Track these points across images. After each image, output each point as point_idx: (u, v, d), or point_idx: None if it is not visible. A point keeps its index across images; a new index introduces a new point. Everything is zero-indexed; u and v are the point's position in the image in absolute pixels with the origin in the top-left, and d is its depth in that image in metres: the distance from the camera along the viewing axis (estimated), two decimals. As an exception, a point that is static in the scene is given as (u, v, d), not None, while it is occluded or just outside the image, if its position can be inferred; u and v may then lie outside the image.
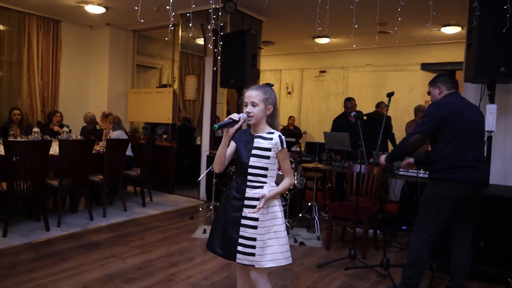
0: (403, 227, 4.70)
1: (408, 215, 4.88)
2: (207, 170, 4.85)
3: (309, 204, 4.59)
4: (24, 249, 3.51)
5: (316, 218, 4.39)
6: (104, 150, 4.76)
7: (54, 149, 4.40)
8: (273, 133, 2.06)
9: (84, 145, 4.43)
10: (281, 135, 2.05)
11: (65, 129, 5.06)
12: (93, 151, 4.64)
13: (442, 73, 3.00)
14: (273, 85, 2.14)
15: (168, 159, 6.38)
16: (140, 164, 5.45)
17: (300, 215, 4.64)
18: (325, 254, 3.77)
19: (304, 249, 3.89)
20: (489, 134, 3.43)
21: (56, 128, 5.76)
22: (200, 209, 5.18)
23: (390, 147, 6.54)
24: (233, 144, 2.11)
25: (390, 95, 3.35)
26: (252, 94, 2.03)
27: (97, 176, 4.73)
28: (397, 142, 6.60)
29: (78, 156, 4.28)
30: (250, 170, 2.03)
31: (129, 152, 5.29)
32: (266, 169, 2.03)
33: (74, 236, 3.94)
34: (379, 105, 6.79)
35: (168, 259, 3.46)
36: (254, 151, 2.03)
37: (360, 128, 3.75)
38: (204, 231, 4.19)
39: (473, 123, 2.72)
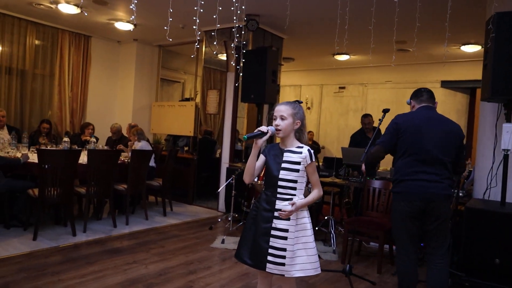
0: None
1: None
2: (227, 182, 4.99)
3: (326, 218, 4.66)
4: (52, 252, 3.71)
5: (333, 232, 4.45)
6: (129, 160, 4.96)
7: (82, 158, 4.64)
8: (302, 147, 2.15)
9: (111, 155, 4.65)
10: (310, 149, 2.15)
11: (93, 139, 5.30)
12: (118, 161, 4.86)
13: (418, 88, 3.00)
14: (301, 102, 2.27)
15: (188, 170, 6.56)
16: (162, 175, 5.64)
17: (316, 228, 4.70)
18: (340, 267, 3.82)
19: (320, 262, 3.93)
20: (505, 153, 3.47)
21: (83, 136, 6.05)
22: (219, 220, 5.31)
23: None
24: (262, 158, 2.21)
25: (385, 111, 3.45)
26: (282, 109, 2.16)
27: (121, 185, 4.94)
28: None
29: (104, 165, 4.50)
30: (280, 183, 2.13)
31: (152, 163, 5.49)
32: (295, 181, 2.12)
33: (99, 242, 4.13)
34: None
35: (187, 266, 3.59)
36: (284, 165, 2.13)
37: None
38: (223, 241, 4.31)
39: (432, 138, 2.65)
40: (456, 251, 3.75)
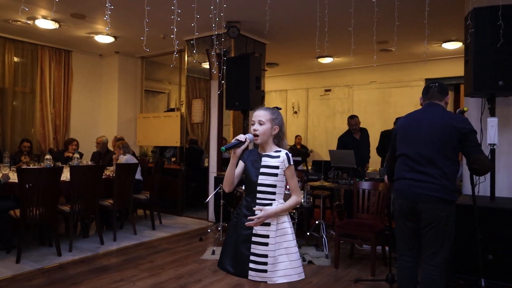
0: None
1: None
2: (215, 191, 4.91)
3: (317, 222, 4.60)
4: (36, 275, 3.57)
5: (324, 236, 4.39)
6: (114, 175, 4.86)
7: (66, 175, 4.53)
8: (280, 151, 2.13)
9: (94, 170, 4.54)
10: (288, 152, 2.12)
11: (76, 155, 5.19)
12: (103, 176, 4.75)
13: (428, 83, 2.89)
14: (280, 109, 2.23)
15: (176, 181, 6.46)
16: (149, 188, 5.53)
17: (308, 233, 4.64)
18: (334, 272, 3.76)
19: (313, 267, 3.88)
20: (491, 147, 3.45)
21: (67, 153, 5.92)
22: (209, 230, 5.21)
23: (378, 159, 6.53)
24: (241, 164, 2.18)
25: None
26: (260, 114, 2.13)
27: (107, 201, 4.82)
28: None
29: (88, 181, 4.39)
30: (259, 188, 2.10)
31: (138, 176, 5.39)
32: (274, 186, 2.10)
33: (85, 261, 4.01)
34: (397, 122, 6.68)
35: (177, 281, 3.49)
36: (262, 170, 2.10)
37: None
38: (213, 252, 4.22)
39: (421, 136, 2.59)
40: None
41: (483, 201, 3.44)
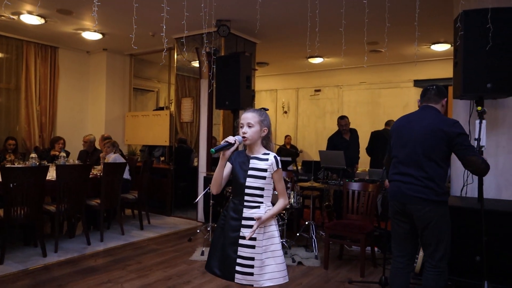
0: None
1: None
2: (204, 192, 4.87)
3: (307, 223, 4.60)
4: (20, 276, 3.49)
5: (314, 237, 4.38)
6: (101, 174, 4.78)
7: (52, 174, 4.44)
8: (268, 154, 2.12)
9: (81, 169, 4.46)
10: (276, 156, 2.12)
11: (62, 154, 5.09)
12: (90, 175, 4.67)
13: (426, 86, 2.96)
14: (267, 110, 2.23)
15: (165, 181, 6.40)
16: (137, 187, 5.46)
17: (297, 234, 4.63)
18: (323, 273, 3.76)
19: (303, 268, 3.87)
20: (479, 149, 3.48)
21: (53, 151, 5.81)
22: (198, 230, 5.17)
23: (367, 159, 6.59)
24: (229, 166, 2.16)
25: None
26: (248, 116, 2.11)
27: (94, 200, 4.74)
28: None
29: (74, 180, 4.31)
30: (247, 191, 2.08)
31: (126, 175, 5.31)
32: (262, 189, 2.09)
33: (71, 262, 3.93)
34: (389, 123, 6.63)
35: (165, 282, 3.44)
36: (250, 172, 2.09)
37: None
38: (202, 253, 4.18)
39: (410, 139, 2.62)
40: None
41: (471, 203, 3.47)
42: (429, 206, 2.52)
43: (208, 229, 4.72)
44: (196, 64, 6.38)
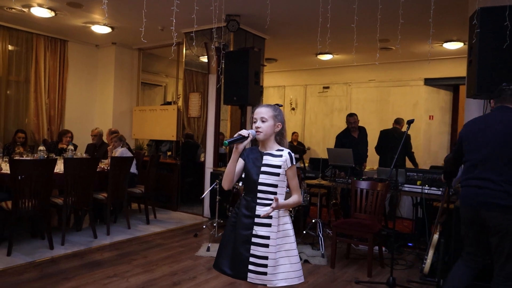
0: (409, 244, 4.64)
1: (414, 232, 4.83)
2: (211, 187, 4.85)
3: (313, 221, 4.56)
4: (27, 268, 3.50)
5: (321, 235, 4.35)
6: (109, 168, 4.78)
7: (59, 167, 4.44)
8: (282, 150, 2.07)
9: (88, 163, 4.46)
10: (290, 152, 2.06)
11: (70, 147, 5.10)
12: (98, 169, 4.67)
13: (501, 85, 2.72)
14: (281, 106, 2.18)
15: (172, 176, 6.39)
16: (144, 182, 5.46)
17: (304, 232, 4.60)
18: (330, 272, 3.73)
19: (309, 267, 3.84)
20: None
21: (61, 144, 5.83)
22: (204, 226, 5.16)
23: (408, 164, 6.49)
24: (241, 162, 2.11)
25: (410, 122, 3.33)
26: (262, 111, 2.07)
27: (101, 194, 4.75)
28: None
29: (82, 174, 4.31)
30: (259, 188, 2.04)
31: (133, 169, 5.31)
32: (275, 186, 2.04)
33: (78, 255, 3.94)
34: (398, 121, 6.56)
35: (171, 278, 3.43)
36: (263, 168, 2.04)
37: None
38: (208, 249, 4.16)
39: (488, 142, 2.49)
40: (446, 250, 3.69)
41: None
42: (505, 213, 2.36)
43: (214, 224, 4.71)
44: (204, 59, 6.35)
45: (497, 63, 3.20)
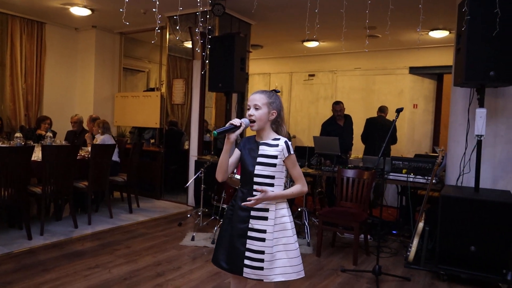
0: (394, 232, 4.67)
1: (398, 220, 4.86)
2: (196, 176, 4.76)
3: (299, 209, 4.53)
4: (4, 260, 3.37)
5: (306, 224, 4.33)
6: (89, 156, 4.63)
7: (38, 154, 4.28)
8: (279, 139, 1.96)
9: (68, 150, 4.31)
10: (287, 140, 1.95)
11: (49, 134, 4.91)
12: (78, 157, 4.52)
13: None
14: (279, 91, 2.07)
15: (155, 164, 6.26)
16: (127, 170, 5.33)
17: (290, 220, 4.56)
18: (316, 260, 3.71)
19: (295, 255, 3.81)
20: (479, 138, 3.43)
21: (39, 131, 5.63)
22: (189, 215, 5.08)
23: (393, 152, 6.50)
24: (237, 152, 2.02)
25: (399, 110, 3.29)
26: (256, 97, 1.96)
27: (82, 183, 4.60)
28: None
29: (61, 161, 4.16)
30: (256, 179, 1.94)
31: (115, 157, 5.17)
32: (272, 177, 1.93)
33: (58, 245, 3.81)
34: (382, 109, 6.59)
35: (155, 268, 3.36)
36: (259, 159, 1.94)
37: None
38: (193, 238, 4.10)
39: None
40: (431, 238, 3.72)
41: (467, 193, 3.43)
42: None
43: (199, 213, 4.64)
44: (188, 44, 6.18)
45: (485, 52, 3.18)
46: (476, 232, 3.20)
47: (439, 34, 6.29)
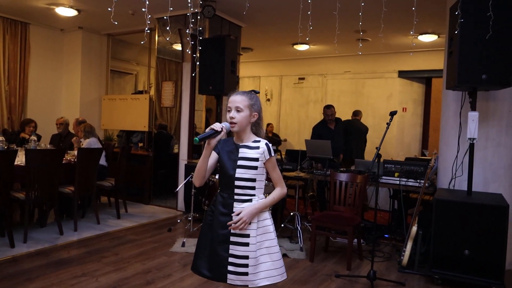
0: (386, 235, 4.65)
1: (390, 223, 4.84)
2: (186, 180, 4.67)
3: (291, 214, 4.47)
4: (-15, 269, 3.23)
5: (299, 228, 4.27)
6: (75, 160, 4.50)
7: (21, 159, 4.13)
8: (259, 141, 1.93)
9: (53, 154, 4.17)
10: (268, 142, 1.93)
11: (33, 137, 4.76)
12: (64, 161, 4.39)
13: None
14: (258, 92, 2.03)
15: (144, 168, 6.14)
16: (114, 174, 5.19)
17: (282, 225, 4.51)
18: (309, 266, 3.65)
19: (288, 261, 3.75)
20: (471, 142, 3.42)
21: (23, 134, 5.47)
22: (179, 220, 4.97)
23: (366, 154, 6.70)
24: (214, 155, 1.96)
25: (393, 114, 3.30)
26: (237, 99, 1.90)
27: (68, 188, 4.46)
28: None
29: (46, 166, 4.02)
30: (237, 183, 1.90)
31: (102, 161, 5.04)
32: (254, 180, 1.90)
33: (42, 253, 3.67)
34: (357, 113, 6.88)
35: (144, 276, 3.25)
36: (240, 162, 1.90)
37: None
38: (183, 244, 4.00)
39: None
40: (423, 242, 3.70)
41: (460, 196, 3.41)
42: None
43: (189, 218, 4.54)
44: (178, 46, 6.09)
45: (477, 55, 3.18)
46: (470, 235, 3.18)
47: (428, 38, 6.33)
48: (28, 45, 6.59)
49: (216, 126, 1.86)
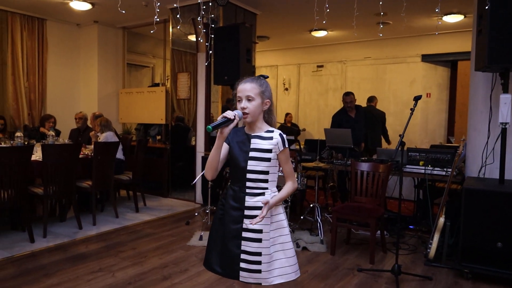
0: (410, 226, 4.46)
1: (415, 214, 4.64)
2: (202, 173, 4.58)
3: (311, 205, 4.34)
4: (5, 264, 3.24)
5: (319, 220, 4.13)
6: (92, 154, 4.49)
7: (39, 154, 4.14)
8: (272, 131, 1.81)
9: (70, 149, 4.16)
10: (282, 133, 1.80)
11: (51, 132, 4.78)
12: (81, 155, 4.38)
13: None
14: (267, 77, 1.89)
15: (162, 161, 6.11)
16: (132, 168, 5.18)
17: (302, 217, 4.38)
18: (330, 259, 3.52)
19: (308, 254, 3.63)
20: (503, 126, 3.19)
21: (42, 129, 5.52)
22: (196, 213, 4.92)
23: (384, 143, 6.51)
24: (225, 146, 1.84)
25: (417, 98, 3.08)
26: (247, 88, 1.77)
27: (86, 182, 4.46)
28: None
29: (63, 161, 4.01)
30: (248, 176, 1.78)
31: (120, 155, 5.02)
32: (266, 173, 1.79)
33: (61, 248, 3.68)
34: (371, 99, 6.61)
35: (161, 271, 3.20)
36: (252, 153, 1.78)
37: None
38: (200, 238, 3.93)
39: None
40: (451, 234, 3.51)
41: (491, 185, 3.20)
42: None
43: (207, 211, 4.47)
44: (192, 37, 5.99)
45: (510, 33, 2.94)
46: (503, 227, 2.98)
47: (453, 18, 6.00)
48: (46, 41, 6.62)
49: (229, 114, 1.73)
